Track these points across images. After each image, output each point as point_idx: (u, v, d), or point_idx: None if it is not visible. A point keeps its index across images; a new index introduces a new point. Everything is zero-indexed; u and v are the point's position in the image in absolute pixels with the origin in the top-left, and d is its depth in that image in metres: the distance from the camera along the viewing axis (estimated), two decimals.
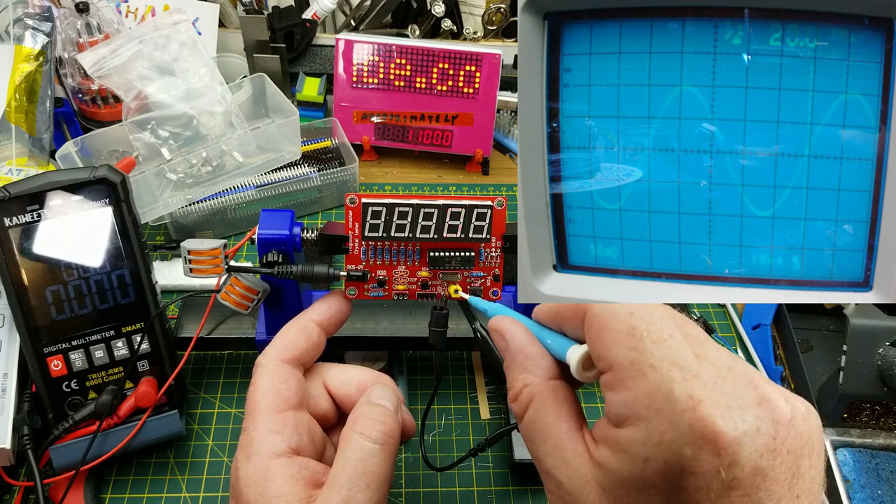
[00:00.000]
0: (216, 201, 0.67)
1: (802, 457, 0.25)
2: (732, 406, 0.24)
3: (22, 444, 0.48)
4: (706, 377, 0.25)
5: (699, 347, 0.27)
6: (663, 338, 0.26)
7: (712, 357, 0.26)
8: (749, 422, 0.24)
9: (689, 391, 0.25)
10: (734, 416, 0.24)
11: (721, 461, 0.24)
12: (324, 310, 0.41)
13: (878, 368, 0.53)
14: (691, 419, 0.24)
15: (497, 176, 0.81)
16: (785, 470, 0.24)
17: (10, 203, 0.47)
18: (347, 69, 0.75)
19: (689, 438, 0.24)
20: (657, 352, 0.26)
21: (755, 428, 0.24)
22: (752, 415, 0.24)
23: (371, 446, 0.34)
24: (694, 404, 0.24)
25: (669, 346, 0.26)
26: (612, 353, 0.27)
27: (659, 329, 0.26)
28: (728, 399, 0.24)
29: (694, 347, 0.27)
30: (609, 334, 0.27)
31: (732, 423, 0.24)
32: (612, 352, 0.27)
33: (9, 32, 0.69)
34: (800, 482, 0.25)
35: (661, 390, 0.25)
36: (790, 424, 0.25)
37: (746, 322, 0.66)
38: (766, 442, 0.24)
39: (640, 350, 0.26)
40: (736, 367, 0.26)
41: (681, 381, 0.25)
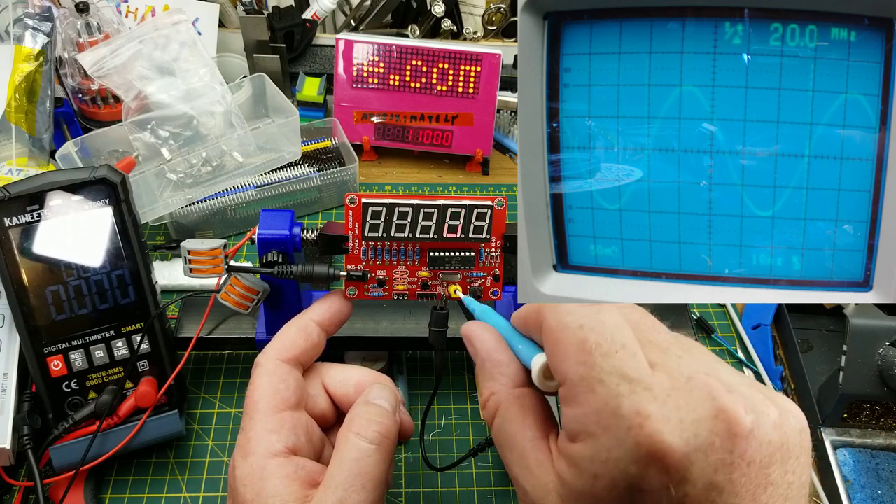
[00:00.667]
0: (216, 201, 0.67)
1: (772, 465, 0.24)
2: (684, 420, 0.23)
3: (22, 444, 0.48)
4: (658, 390, 0.24)
5: (659, 355, 0.26)
6: (614, 350, 0.25)
7: (671, 366, 0.25)
8: (702, 436, 0.23)
9: (637, 406, 0.24)
10: (685, 430, 0.23)
11: (670, 478, 0.23)
12: (324, 309, 0.41)
13: (878, 368, 0.53)
14: (637, 436, 0.23)
15: (497, 176, 0.81)
16: (747, 482, 0.23)
17: (10, 203, 0.47)
18: (347, 69, 0.75)
19: (634, 456, 0.23)
20: (606, 365, 0.25)
21: (708, 443, 0.23)
22: (706, 429, 0.23)
23: (367, 447, 0.34)
24: (641, 420, 0.23)
25: (620, 359, 0.25)
26: (564, 367, 0.26)
27: (610, 340, 0.25)
28: (680, 413, 0.24)
29: (653, 356, 0.26)
30: (561, 348, 0.27)
31: (683, 439, 0.23)
32: (564, 366, 0.26)
33: (9, 32, 0.69)
34: (770, 490, 0.24)
35: (609, 406, 0.24)
36: (750, 436, 0.23)
37: (746, 322, 0.66)
38: (721, 457, 0.23)
39: (590, 364, 0.25)
40: (695, 377, 0.24)
41: (629, 396, 0.24)
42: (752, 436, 0.23)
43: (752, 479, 0.23)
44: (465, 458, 0.49)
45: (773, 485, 0.24)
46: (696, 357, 0.26)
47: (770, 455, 0.24)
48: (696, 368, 0.25)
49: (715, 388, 0.24)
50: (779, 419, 0.24)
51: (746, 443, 0.23)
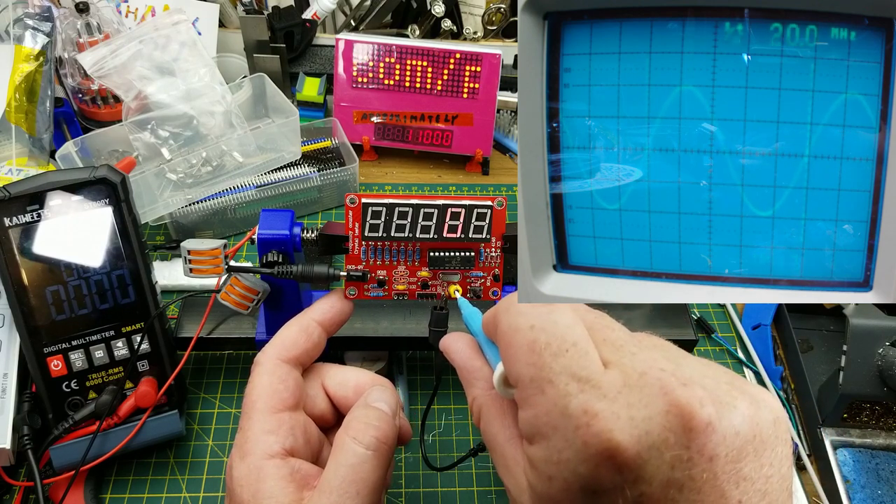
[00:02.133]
0: (216, 201, 0.67)
1: (742, 459, 0.23)
2: (635, 417, 0.23)
3: (22, 444, 0.48)
4: (608, 388, 0.23)
5: (613, 353, 0.25)
6: (564, 349, 0.25)
7: (625, 363, 0.24)
8: (654, 433, 0.22)
9: (585, 405, 0.23)
10: (636, 427, 0.22)
11: (623, 477, 0.22)
12: (325, 309, 0.41)
13: (878, 368, 0.53)
14: (585, 436, 0.23)
15: (497, 176, 0.81)
16: (711, 478, 0.22)
17: (10, 203, 0.47)
18: (347, 69, 0.75)
19: (583, 456, 0.23)
20: (556, 365, 0.24)
21: (662, 439, 0.22)
22: (658, 424, 0.22)
23: (363, 452, 0.33)
24: (588, 419, 0.23)
25: (570, 357, 0.24)
26: (516, 369, 0.26)
27: (560, 340, 0.25)
28: (631, 410, 0.23)
29: (607, 354, 0.25)
30: (512, 351, 0.26)
31: (633, 436, 0.22)
32: (516, 368, 0.26)
33: (9, 32, 0.69)
34: (743, 486, 0.23)
35: (558, 407, 0.24)
36: (709, 429, 0.22)
37: (746, 322, 0.66)
38: (677, 453, 0.22)
39: (540, 365, 0.25)
40: (649, 373, 0.24)
41: (577, 395, 0.23)
42: (710, 429, 0.22)
43: (718, 475, 0.22)
44: (465, 458, 0.49)
45: (747, 480, 0.23)
46: (651, 353, 0.25)
47: (739, 448, 0.23)
48: (651, 364, 0.24)
49: (668, 383, 0.23)
50: (748, 410, 0.23)
51: (705, 437, 0.22)
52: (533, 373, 0.25)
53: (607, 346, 0.26)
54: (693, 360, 0.26)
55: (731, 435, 0.23)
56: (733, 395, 0.24)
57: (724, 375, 0.25)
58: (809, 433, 0.59)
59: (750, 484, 0.23)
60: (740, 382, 0.25)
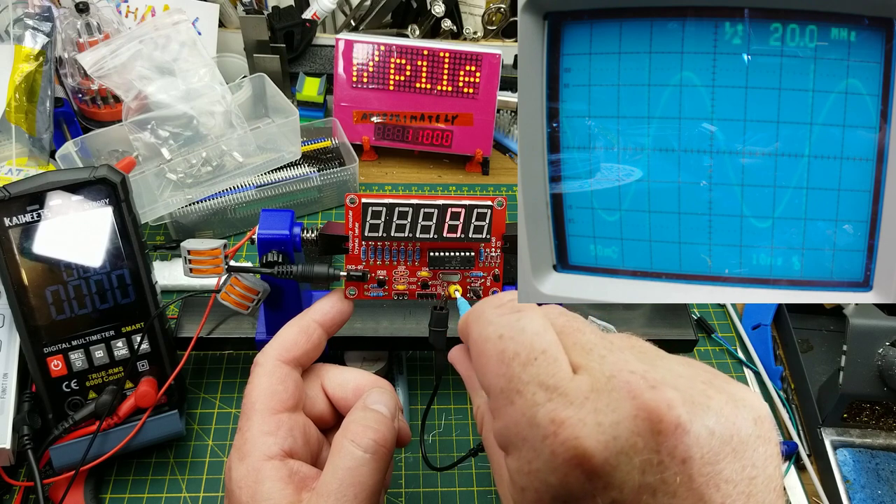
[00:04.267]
0: (216, 201, 0.67)
1: (721, 461, 0.22)
2: (603, 423, 0.22)
3: (22, 444, 0.48)
4: (575, 394, 0.23)
5: (583, 357, 0.25)
6: (532, 357, 0.24)
7: (594, 367, 0.24)
8: (622, 438, 0.22)
9: (552, 414, 0.23)
10: (604, 433, 0.22)
11: (593, 485, 0.22)
12: (326, 309, 0.41)
13: (878, 368, 0.53)
14: (552, 445, 0.22)
15: (497, 176, 0.81)
16: (686, 481, 0.22)
17: (10, 203, 0.47)
18: (347, 69, 0.75)
19: (552, 466, 0.22)
20: (525, 375, 0.24)
21: (630, 444, 0.22)
22: (626, 429, 0.22)
23: (361, 455, 0.33)
24: (555, 428, 0.22)
25: (539, 366, 0.24)
26: (487, 380, 0.26)
27: (529, 348, 0.25)
28: (598, 416, 0.22)
29: (577, 358, 0.25)
30: (482, 361, 0.26)
31: (601, 443, 0.22)
32: (486, 379, 0.26)
33: (9, 32, 0.69)
34: (725, 488, 0.22)
35: (526, 417, 0.23)
36: (678, 431, 0.22)
37: (746, 322, 0.66)
38: (646, 457, 0.22)
39: (509, 376, 0.24)
40: (617, 376, 0.23)
41: (545, 404, 0.23)
42: (680, 431, 0.22)
43: (694, 477, 0.22)
44: (465, 458, 0.49)
45: (729, 482, 0.22)
46: (623, 355, 0.25)
47: (716, 449, 0.22)
48: (621, 367, 0.24)
49: (636, 386, 0.23)
50: (726, 410, 0.23)
51: (675, 439, 0.22)
52: (503, 384, 0.25)
53: (577, 349, 0.25)
54: (670, 361, 0.25)
55: (706, 436, 0.22)
56: (709, 394, 0.23)
57: (703, 375, 0.24)
58: (809, 433, 0.59)
59: (732, 486, 0.22)
60: (721, 382, 0.24)
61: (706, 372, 0.25)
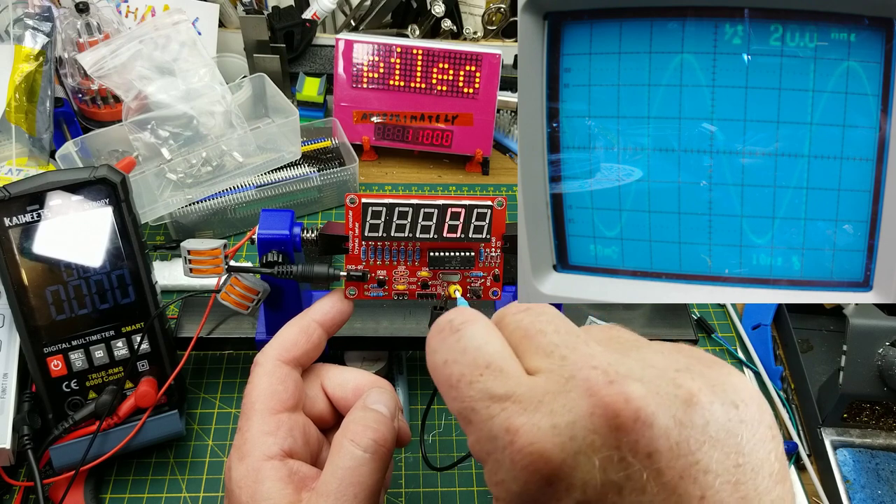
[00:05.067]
0: (216, 201, 0.67)
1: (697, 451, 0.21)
2: (558, 425, 0.22)
3: (22, 444, 0.48)
4: (529, 400, 0.23)
5: (543, 360, 0.24)
6: (477, 373, 0.24)
7: (553, 369, 0.24)
8: (579, 437, 0.21)
9: (506, 423, 0.22)
10: (559, 435, 0.21)
11: (555, 488, 0.22)
12: (326, 309, 0.41)
13: (878, 368, 0.53)
14: (511, 454, 0.22)
15: (497, 176, 0.81)
16: (655, 475, 0.21)
17: (10, 203, 0.47)
18: (347, 69, 0.75)
19: (513, 475, 0.22)
20: (473, 392, 0.24)
21: (588, 442, 0.21)
22: (583, 428, 0.21)
23: (361, 455, 0.33)
24: (511, 437, 0.22)
25: (485, 380, 0.24)
26: (448, 405, 0.26)
27: (472, 367, 0.25)
28: (554, 418, 0.22)
29: (535, 362, 0.24)
30: (440, 389, 0.26)
31: (557, 445, 0.21)
32: (447, 404, 0.26)
33: (9, 32, 0.69)
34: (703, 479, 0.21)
35: (484, 431, 0.23)
36: (638, 425, 0.21)
37: (746, 322, 0.66)
38: (606, 454, 0.21)
39: (460, 398, 0.25)
40: (577, 375, 0.23)
41: (499, 415, 0.23)
42: (641, 425, 0.21)
43: (664, 471, 0.21)
44: (465, 458, 0.49)
45: (709, 472, 0.21)
46: (588, 350, 0.24)
47: (688, 440, 0.21)
48: (582, 365, 0.23)
49: (594, 383, 0.22)
50: (701, 397, 0.22)
51: (636, 433, 0.21)
52: (458, 406, 0.25)
53: (538, 353, 0.25)
54: (648, 350, 0.24)
55: (674, 427, 0.21)
56: (679, 383, 0.22)
57: (680, 362, 0.23)
58: (809, 433, 0.59)
59: (712, 476, 0.21)
60: (701, 367, 0.23)
61: (688, 358, 0.24)
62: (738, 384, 0.23)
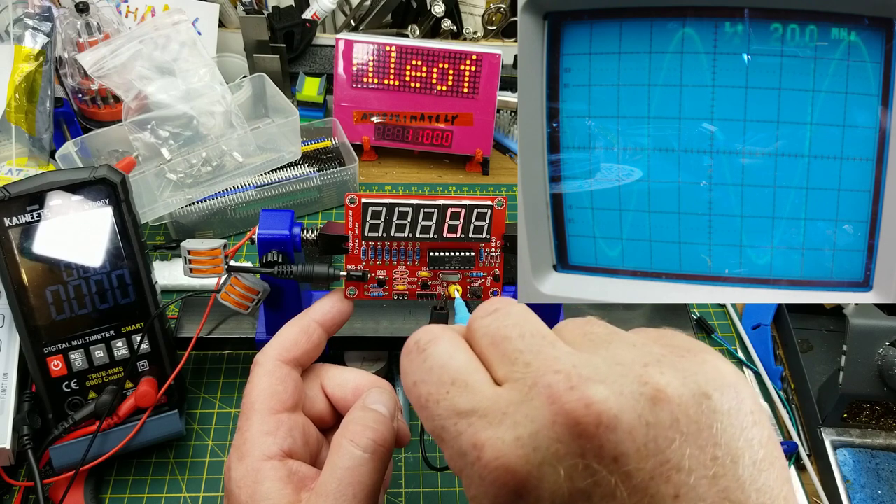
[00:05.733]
0: (216, 201, 0.67)
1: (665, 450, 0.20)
2: (521, 436, 0.21)
3: (22, 444, 0.48)
4: (493, 413, 0.23)
5: (507, 369, 0.24)
6: (444, 391, 0.24)
7: (517, 378, 0.23)
8: (542, 447, 0.21)
9: (473, 439, 0.22)
10: (523, 447, 0.21)
11: (524, 501, 0.21)
12: (326, 310, 0.41)
13: (878, 368, 0.53)
14: (479, 470, 0.22)
15: (497, 176, 0.81)
16: (624, 479, 0.20)
17: (10, 203, 0.47)
18: (347, 69, 0.75)
19: (483, 491, 0.22)
20: (441, 410, 0.24)
21: (551, 452, 0.21)
22: (545, 437, 0.21)
23: (360, 455, 0.33)
24: (478, 452, 0.22)
25: (452, 398, 0.24)
26: (423, 424, 0.26)
27: (437, 385, 0.25)
28: (517, 430, 0.22)
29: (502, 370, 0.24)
30: (416, 410, 0.26)
31: (521, 457, 0.21)
32: (423, 424, 0.26)
33: (9, 32, 0.69)
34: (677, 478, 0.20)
35: (454, 448, 0.23)
36: (600, 429, 0.20)
37: (746, 322, 0.66)
38: (571, 462, 0.21)
39: (430, 417, 0.25)
40: (539, 383, 0.22)
41: (466, 430, 0.23)
42: (604, 429, 0.20)
43: (633, 474, 0.20)
44: None
45: (682, 470, 0.20)
46: (552, 353, 0.23)
47: (657, 439, 0.20)
48: (545, 371, 0.22)
49: (556, 390, 0.21)
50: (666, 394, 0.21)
51: (599, 439, 0.20)
52: (430, 426, 0.25)
53: (504, 362, 0.24)
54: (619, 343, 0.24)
55: (640, 427, 0.20)
56: (645, 380, 0.21)
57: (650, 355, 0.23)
58: (809, 433, 0.59)
59: (685, 474, 0.20)
60: (673, 358, 0.23)
61: (663, 348, 0.23)
62: (712, 372, 0.22)
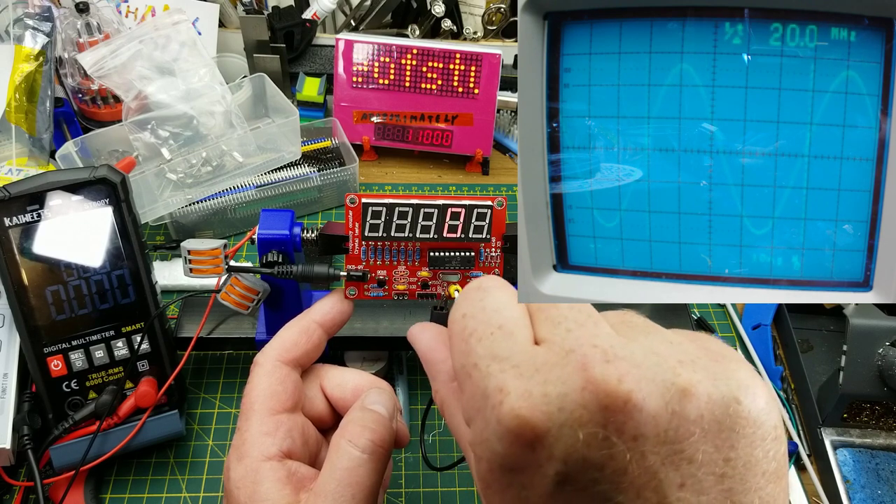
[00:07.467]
0: (216, 201, 0.67)
1: (684, 440, 0.21)
2: (549, 394, 0.22)
3: (22, 444, 0.48)
4: (526, 366, 0.23)
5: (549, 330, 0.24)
6: (489, 332, 0.25)
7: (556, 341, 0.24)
8: (567, 409, 0.21)
9: (500, 384, 0.23)
10: (549, 404, 0.22)
11: (536, 455, 0.22)
12: (326, 310, 0.41)
13: (878, 368, 0.53)
14: (498, 413, 0.22)
15: (497, 176, 0.81)
16: (638, 458, 0.21)
17: (10, 203, 0.47)
18: (347, 69, 0.75)
19: (498, 434, 0.22)
20: (480, 349, 0.25)
21: (575, 416, 0.21)
22: (572, 401, 0.21)
23: (359, 455, 0.33)
24: (502, 397, 0.22)
25: (494, 340, 0.25)
26: (454, 359, 0.26)
27: (485, 325, 0.25)
28: (546, 387, 0.22)
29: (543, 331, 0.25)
30: (451, 341, 0.27)
31: (544, 413, 0.21)
32: (453, 357, 0.26)
33: (9, 32, 0.70)
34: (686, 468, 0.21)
35: (480, 388, 0.24)
36: (629, 407, 0.21)
37: (746, 322, 0.66)
38: (591, 430, 0.21)
39: (467, 352, 0.25)
40: (577, 350, 0.23)
41: (497, 375, 0.23)
42: (631, 407, 0.21)
43: (647, 455, 0.21)
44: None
45: (693, 462, 0.21)
46: (594, 329, 0.24)
47: (677, 429, 0.21)
48: (583, 341, 0.23)
49: (591, 360, 0.22)
50: (696, 390, 0.22)
51: (624, 415, 0.21)
52: (463, 360, 0.25)
53: (547, 322, 0.25)
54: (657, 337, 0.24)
55: (664, 415, 0.21)
56: (679, 372, 0.22)
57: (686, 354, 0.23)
58: (809, 433, 0.59)
59: (696, 467, 0.21)
60: (708, 360, 0.23)
61: (699, 349, 0.24)
62: (746, 380, 0.23)
